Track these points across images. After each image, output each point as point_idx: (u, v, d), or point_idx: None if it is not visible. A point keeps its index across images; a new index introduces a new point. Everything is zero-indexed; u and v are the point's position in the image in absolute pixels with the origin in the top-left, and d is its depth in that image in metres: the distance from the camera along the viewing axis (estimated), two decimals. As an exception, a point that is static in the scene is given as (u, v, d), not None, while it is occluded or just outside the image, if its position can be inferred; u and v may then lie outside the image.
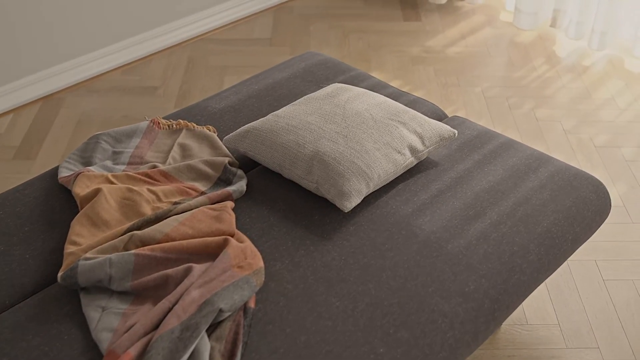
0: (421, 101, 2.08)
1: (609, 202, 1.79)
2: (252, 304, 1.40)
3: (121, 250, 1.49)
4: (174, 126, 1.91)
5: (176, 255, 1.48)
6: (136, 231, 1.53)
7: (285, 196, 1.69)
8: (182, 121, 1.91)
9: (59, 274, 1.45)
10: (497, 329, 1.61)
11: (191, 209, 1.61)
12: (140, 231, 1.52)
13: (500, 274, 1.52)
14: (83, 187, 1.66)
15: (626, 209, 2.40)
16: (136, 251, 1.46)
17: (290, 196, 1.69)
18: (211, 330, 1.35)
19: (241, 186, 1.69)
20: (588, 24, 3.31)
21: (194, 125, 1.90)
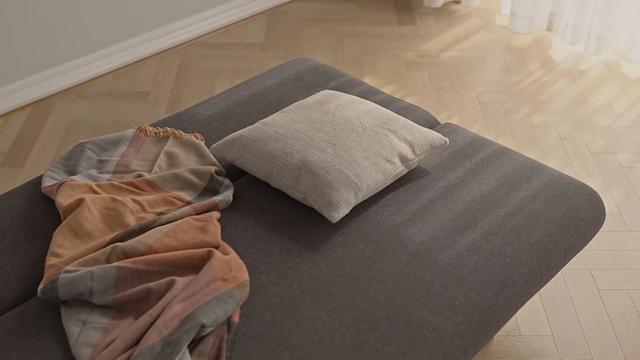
0: (413, 108, 2.04)
1: (603, 211, 1.75)
2: (236, 318, 1.37)
3: (103, 262, 1.46)
4: (161, 134, 1.87)
5: (159, 267, 1.45)
6: (119, 243, 1.49)
7: (273, 206, 1.66)
8: (169, 129, 1.88)
9: (39, 287, 1.41)
10: (489, 342, 1.58)
11: (176, 220, 1.57)
12: (122, 243, 1.49)
13: (491, 287, 1.48)
14: (66, 197, 1.63)
15: (622, 216, 2.36)
16: (118, 264, 1.43)
17: (278, 206, 1.66)
18: (193, 346, 1.31)
19: (227, 196, 1.66)
20: (584, 27, 3.28)
21: (181, 132, 1.87)
